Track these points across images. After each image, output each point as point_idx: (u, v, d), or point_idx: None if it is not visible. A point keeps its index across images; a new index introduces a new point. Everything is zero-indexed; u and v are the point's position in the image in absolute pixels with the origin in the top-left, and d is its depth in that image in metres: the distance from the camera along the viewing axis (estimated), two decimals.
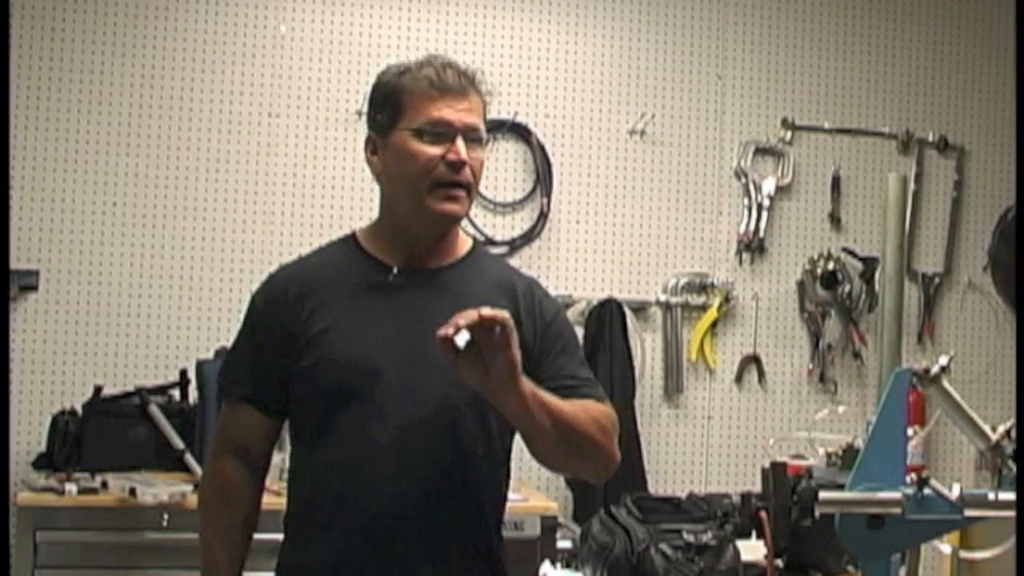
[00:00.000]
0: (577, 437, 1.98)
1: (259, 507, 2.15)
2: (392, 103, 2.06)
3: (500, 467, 2.10)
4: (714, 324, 4.53)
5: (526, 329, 2.04)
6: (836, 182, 4.65)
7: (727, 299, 4.53)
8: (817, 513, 1.95)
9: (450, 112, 2.02)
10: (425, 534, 2.00)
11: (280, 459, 2.80)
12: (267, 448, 2.15)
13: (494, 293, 2.07)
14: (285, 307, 2.08)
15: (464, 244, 2.16)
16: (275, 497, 2.22)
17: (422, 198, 2.03)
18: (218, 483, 2.14)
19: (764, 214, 4.58)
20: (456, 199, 2.02)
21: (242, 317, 2.16)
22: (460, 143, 2.01)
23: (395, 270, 2.08)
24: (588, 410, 2.02)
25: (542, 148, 4.43)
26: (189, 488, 3.48)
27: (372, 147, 2.10)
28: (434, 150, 2.01)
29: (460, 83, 2.04)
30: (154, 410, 3.86)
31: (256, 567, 2.14)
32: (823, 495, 1.95)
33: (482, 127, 2.06)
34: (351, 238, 2.16)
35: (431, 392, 2.00)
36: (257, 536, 2.14)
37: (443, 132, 2.02)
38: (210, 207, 4.22)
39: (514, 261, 4.37)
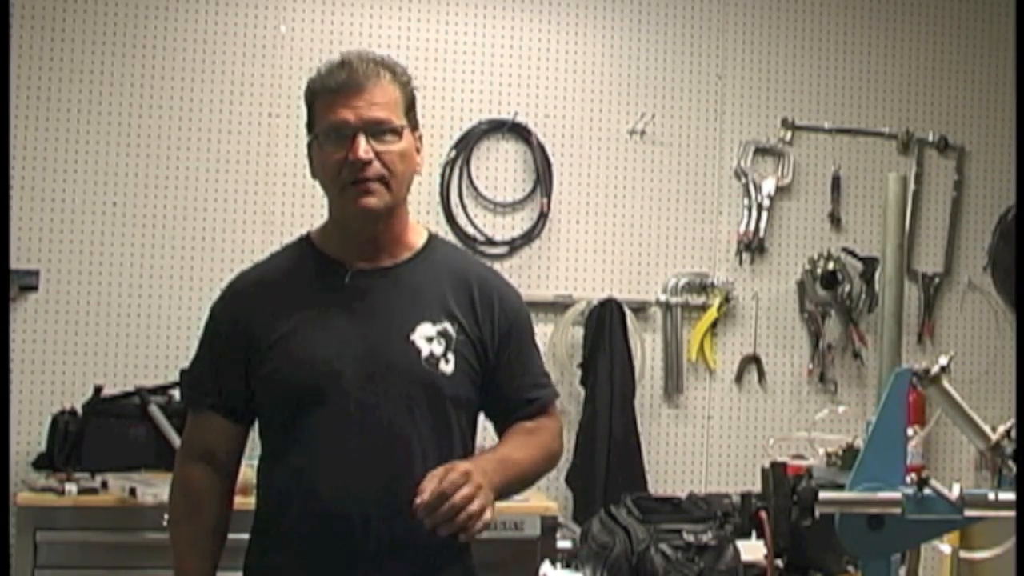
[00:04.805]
0: (531, 480, 2.16)
1: (229, 512, 2.16)
2: (309, 109, 2.09)
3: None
4: (714, 324, 4.53)
5: (482, 323, 2.11)
6: (836, 182, 4.65)
7: (727, 299, 4.53)
8: (817, 513, 1.94)
9: (347, 111, 2.01)
10: (391, 532, 2.01)
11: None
12: (235, 454, 2.16)
13: (449, 289, 2.11)
14: (244, 311, 2.10)
15: (419, 237, 2.17)
16: (242, 498, 2.23)
17: (340, 200, 2.06)
18: (186, 491, 2.15)
19: (764, 214, 4.58)
20: (369, 192, 2.02)
21: (202, 326, 2.18)
22: (361, 140, 2.00)
23: (350, 272, 2.09)
24: (541, 443, 2.15)
25: (542, 148, 4.43)
26: None
27: (309, 153, 2.12)
28: (338, 153, 2.02)
29: (358, 79, 2.02)
30: (154, 410, 3.86)
31: (225, 567, 2.14)
32: (823, 495, 1.94)
33: (392, 117, 2.03)
34: (306, 239, 2.18)
35: (391, 392, 2.03)
36: (229, 536, 2.16)
37: (343, 133, 2.01)
38: (210, 207, 4.22)
39: (514, 261, 4.39)
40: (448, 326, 2.07)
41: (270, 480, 2.10)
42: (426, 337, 2.06)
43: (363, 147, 2.00)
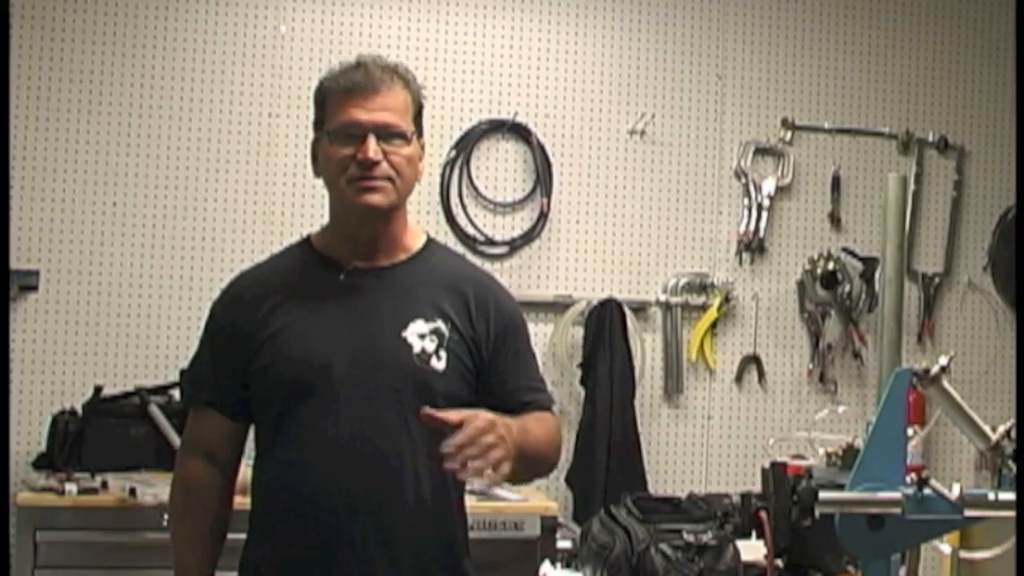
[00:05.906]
0: (540, 465, 2.14)
1: (229, 510, 2.19)
2: (319, 107, 2.12)
3: None
4: (714, 324, 4.53)
5: (476, 323, 2.12)
6: (836, 182, 4.65)
7: (727, 299, 4.53)
8: (817, 513, 1.95)
9: (359, 112, 2.05)
10: (381, 527, 2.03)
11: None
12: (234, 452, 2.19)
13: (444, 290, 2.13)
14: (242, 310, 2.13)
15: (417, 240, 2.19)
16: (241, 498, 2.24)
17: (344, 196, 2.08)
18: (186, 488, 2.18)
19: (764, 214, 4.57)
20: (374, 189, 2.05)
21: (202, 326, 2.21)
22: (371, 142, 2.03)
23: (346, 270, 2.12)
24: (547, 432, 2.13)
25: (542, 148, 4.43)
26: None
27: (314, 150, 2.15)
28: (347, 151, 2.05)
29: (372, 82, 2.06)
30: (154, 410, 3.86)
31: (225, 567, 2.16)
32: (823, 495, 1.95)
33: (402, 123, 2.07)
34: (306, 241, 2.22)
35: (381, 388, 2.05)
36: (229, 536, 2.18)
37: (354, 133, 2.05)
38: (210, 207, 4.22)
39: (514, 261, 4.39)
40: (441, 324, 2.09)
41: (261, 474, 2.12)
42: (418, 334, 2.08)
43: (373, 148, 2.03)
